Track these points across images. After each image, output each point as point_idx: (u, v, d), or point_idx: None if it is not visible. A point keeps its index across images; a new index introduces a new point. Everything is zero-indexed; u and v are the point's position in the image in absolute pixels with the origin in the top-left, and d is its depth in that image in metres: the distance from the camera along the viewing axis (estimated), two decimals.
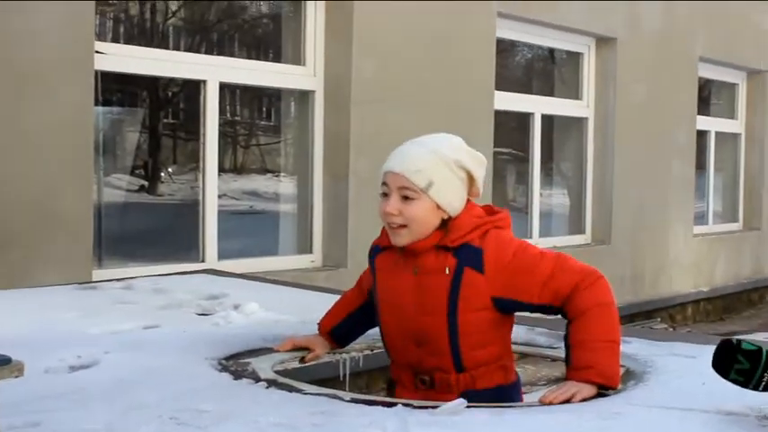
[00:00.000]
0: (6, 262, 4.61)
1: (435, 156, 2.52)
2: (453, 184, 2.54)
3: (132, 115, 6.71)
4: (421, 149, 2.55)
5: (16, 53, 4.65)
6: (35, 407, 2.15)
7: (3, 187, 4.62)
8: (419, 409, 2.23)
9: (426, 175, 2.50)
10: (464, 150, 2.60)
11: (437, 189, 2.51)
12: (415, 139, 2.62)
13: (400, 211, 2.51)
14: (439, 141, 2.59)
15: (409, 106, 6.61)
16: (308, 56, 6.31)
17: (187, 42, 6.53)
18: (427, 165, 2.51)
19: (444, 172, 2.52)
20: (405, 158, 2.54)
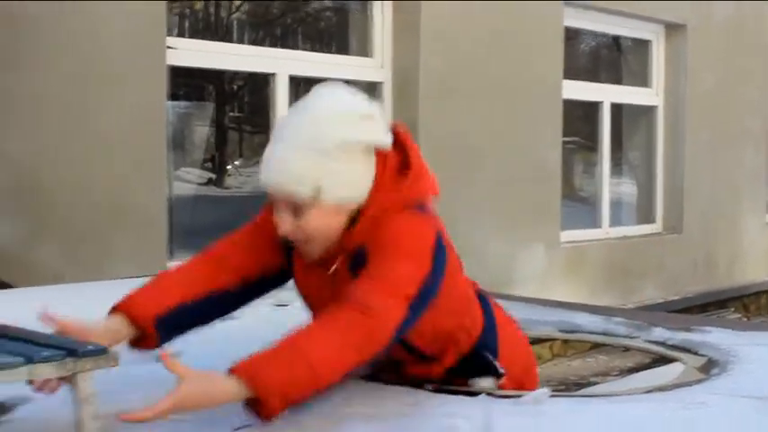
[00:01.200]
0: (82, 256, 4.70)
1: (312, 152, 1.97)
2: (350, 174, 2.02)
3: (199, 109, 6.80)
4: (290, 150, 1.99)
5: (91, 50, 4.73)
6: (118, 397, 2.19)
7: (79, 182, 4.71)
8: (501, 398, 2.23)
9: (309, 181, 1.98)
10: (353, 121, 2.00)
11: (329, 190, 1.99)
12: (282, 127, 2.05)
13: (297, 226, 2.02)
14: (315, 124, 1.99)
15: (477, 96, 6.59)
16: (376, 48, 6.32)
17: (251, 36, 6.58)
18: (306, 169, 1.98)
19: (332, 167, 1.99)
20: (275, 168, 2.00)
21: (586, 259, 7.75)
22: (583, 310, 3.64)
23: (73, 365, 1.74)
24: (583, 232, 7.99)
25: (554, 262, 7.27)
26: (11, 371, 1.66)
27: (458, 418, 1.98)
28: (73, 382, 1.75)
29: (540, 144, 7.15)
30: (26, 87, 4.52)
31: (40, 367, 1.69)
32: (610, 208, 8.44)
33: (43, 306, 1.98)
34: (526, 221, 6.99)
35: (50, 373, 1.71)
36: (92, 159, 4.76)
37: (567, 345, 7.40)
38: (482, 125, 6.66)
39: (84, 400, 1.75)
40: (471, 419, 2.00)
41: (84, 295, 3.70)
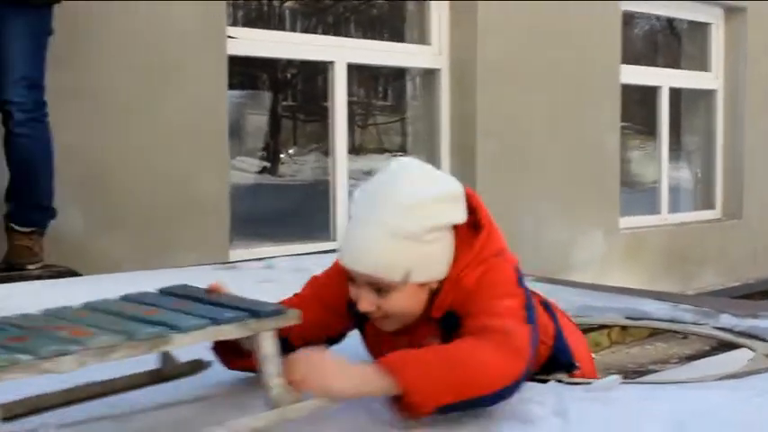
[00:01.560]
0: (147, 244, 4.76)
1: (402, 239, 1.97)
2: (436, 255, 2.03)
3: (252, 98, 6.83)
4: (378, 235, 1.97)
5: (154, 42, 4.78)
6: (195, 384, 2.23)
7: (143, 172, 4.77)
8: (572, 384, 2.23)
9: (399, 267, 1.99)
10: (439, 202, 2.00)
11: (418, 274, 2.01)
12: (365, 207, 2.02)
13: (378, 306, 2.04)
14: (403, 210, 1.97)
15: (535, 82, 6.56)
16: (434, 35, 6.31)
17: (303, 25, 6.60)
18: (397, 256, 1.98)
19: (421, 252, 1.99)
20: (364, 254, 1.99)
21: (645, 246, 7.69)
22: (648, 297, 3.63)
23: (255, 325, 1.81)
24: (641, 218, 7.92)
25: (613, 248, 7.22)
26: (198, 332, 1.73)
27: (531, 404, 2.00)
28: (255, 342, 1.82)
29: (598, 130, 7.10)
30: (92, 81, 4.58)
31: (226, 328, 1.77)
32: (669, 194, 8.36)
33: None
34: (585, 208, 6.95)
35: (235, 334, 1.79)
36: (156, 149, 4.82)
37: (625, 332, 7.33)
38: (540, 111, 6.63)
39: (267, 357, 1.82)
40: (545, 405, 2.01)
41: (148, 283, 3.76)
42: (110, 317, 1.80)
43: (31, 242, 4.06)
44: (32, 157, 4.02)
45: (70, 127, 4.40)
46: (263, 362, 1.82)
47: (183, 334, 1.72)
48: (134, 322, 1.74)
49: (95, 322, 1.75)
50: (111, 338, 1.64)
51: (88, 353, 1.60)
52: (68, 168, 4.39)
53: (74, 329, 1.69)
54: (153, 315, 1.80)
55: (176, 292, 2.02)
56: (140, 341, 1.66)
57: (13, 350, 1.57)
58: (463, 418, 1.94)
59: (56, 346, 1.58)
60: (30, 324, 1.76)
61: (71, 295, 3.43)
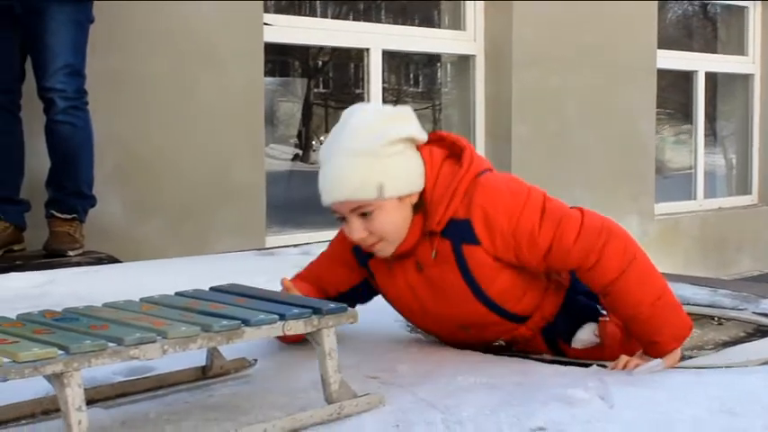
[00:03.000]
0: (185, 230, 4.79)
1: (365, 157, 2.17)
2: (402, 167, 2.22)
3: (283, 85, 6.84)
4: (345, 159, 2.17)
5: (192, 29, 4.80)
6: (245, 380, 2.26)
7: (181, 158, 4.80)
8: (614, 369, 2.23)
9: (370, 183, 2.17)
10: (387, 120, 2.23)
11: (390, 186, 2.19)
12: (330, 144, 2.23)
13: (368, 231, 2.23)
14: (357, 133, 2.19)
15: (570, 68, 6.53)
16: (468, 21, 6.30)
17: (334, 11, 6.60)
18: (364, 173, 2.17)
19: (385, 164, 2.18)
20: (337, 181, 2.18)
21: (680, 231, 7.65)
22: (686, 282, 3.61)
23: (318, 322, 1.90)
24: (677, 204, 7.88)
25: (648, 234, 7.19)
26: (269, 326, 1.85)
27: (575, 388, 2.00)
28: (317, 338, 1.92)
29: (634, 115, 7.06)
30: (131, 69, 4.61)
31: (292, 323, 1.87)
32: (705, 179, 8.30)
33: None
34: (620, 193, 6.92)
35: (300, 329, 1.89)
36: (194, 137, 4.84)
37: None
38: (575, 96, 6.60)
39: (327, 354, 1.91)
40: (588, 389, 2.01)
41: (188, 269, 3.80)
42: (178, 311, 1.92)
43: (72, 229, 4.10)
44: (73, 145, 4.06)
45: (109, 115, 4.44)
46: (323, 357, 1.91)
47: (255, 328, 1.83)
48: (206, 316, 1.85)
49: (167, 315, 1.86)
50: (190, 329, 1.74)
51: (170, 342, 1.70)
52: (107, 156, 4.43)
53: (153, 321, 1.81)
54: (221, 309, 1.91)
55: (227, 290, 2.15)
56: (216, 333, 1.77)
57: (99, 337, 1.65)
58: (511, 401, 1.95)
59: (140, 334, 1.68)
60: (103, 315, 1.86)
61: (110, 281, 3.49)
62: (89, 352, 1.59)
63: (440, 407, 1.93)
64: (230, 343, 1.80)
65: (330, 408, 1.88)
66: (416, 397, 1.99)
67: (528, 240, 2.21)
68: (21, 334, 1.69)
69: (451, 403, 1.94)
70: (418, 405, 1.95)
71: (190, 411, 1.93)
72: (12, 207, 4.06)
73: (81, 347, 1.59)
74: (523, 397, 1.99)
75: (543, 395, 1.98)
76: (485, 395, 2.01)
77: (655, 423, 1.82)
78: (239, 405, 1.97)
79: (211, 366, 2.19)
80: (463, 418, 1.87)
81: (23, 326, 1.77)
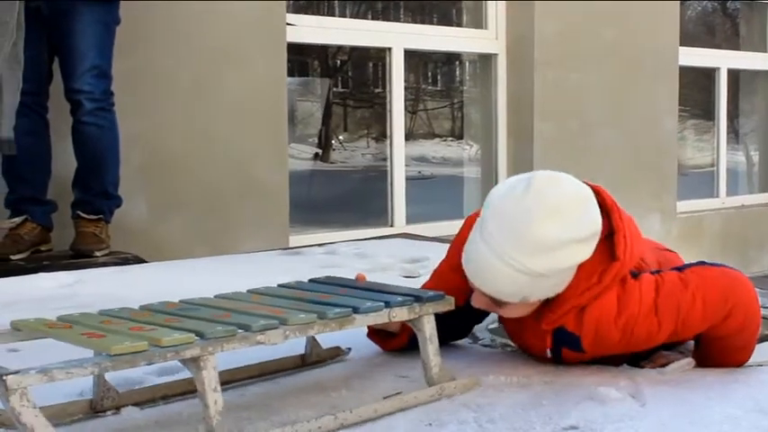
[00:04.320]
0: (210, 230, 4.81)
1: (526, 275, 1.97)
2: (556, 285, 2.05)
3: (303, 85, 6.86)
4: (505, 270, 1.97)
5: (215, 28, 4.82)
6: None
7: (205, 158, 4.82)
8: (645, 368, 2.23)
9: (518, 294, 2.03)
10: (563, 245, 1.96)
11: (535, 296, 2.06)
12: (495, 228, 1.98)
13: (492, 311, 2.15)
14: (527, 247, 1.94)
15: (592, 65, 6.52)
16: (490, 19, 6.30)
17: (353, 10, 6.61)
18: (517, 286, 2.00)
19: (542, 284, 2.02)
20: (487, 279, 2.02)
21: (703, 229, 7.62)
22: None
23: (419, 309, 2.02)
24: (699, 202, 7.85)
25: (670, 232, 7.17)
26: (376, 314, 1.96)
27: (606, 387, 2.00)
28: (418, 324, 2.03)
29: (655, 112, 7.04)
30: (156, 70, 4.63)
31: (397, 310, 1.99)
32: (728, 177, 8.27)
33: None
34: (642, 191, 6.89)
35: (404, 316, 2.00)
36: (217, 136, 4.86)
37: None
38: (597, 94, 6.59)
39: (428, 338, 2.02)
40: (620, 388, 2.01)
41: (211, 269, 3.81)
42: (290, 300, 2.03)
43: (98, 229, 4.13)
44: (100, 146, 4.09)
45: (134, 115, 4.46)
46: (424, 342, 2.02)
47: (364, 315, 1.95)
48: (319, 305, 1.96)
49: (281, 305, 1.98)
50: (308, 316, 1.86)
51: (291, 328, 1.82)
52: (132, 156, 4.45)
53: (271, 309, 1.92)
54: (329, 299, 2.02)
55: (327, 282, 2.27)
56: (331, 320, 1.88)
57: (227, 324, 1.76)
58: (542, 400, 1.96)
59: (265, 321, 1.79)
60: (219, 305, 1.98)
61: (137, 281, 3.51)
62: (222, 337, 1.70)
63: (472, 406, 1.93)
64: (342, 329, 1.91)
65: (432, 389, 1.99)
66: (449, 396, 2.00)
67: (646, 341, 2.13)
68: (154, 322, 1.80)
69: (483, 402, 1.95)
70: (450, 404, 1.95)
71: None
72: (39, 208, 4.09)
73: (214, 333, 1.70)
74: (555, 396, 1.99)
75: (575, 394, 1.99)
76: (516, 394, 2.02)
77: (687, 422, 1.82)
78: (270, 404, 1.96)
79: (311, 354, 2.29)
80: (495, 416, 1.88)
81: (151, 315, 1.88)
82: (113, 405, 1.93)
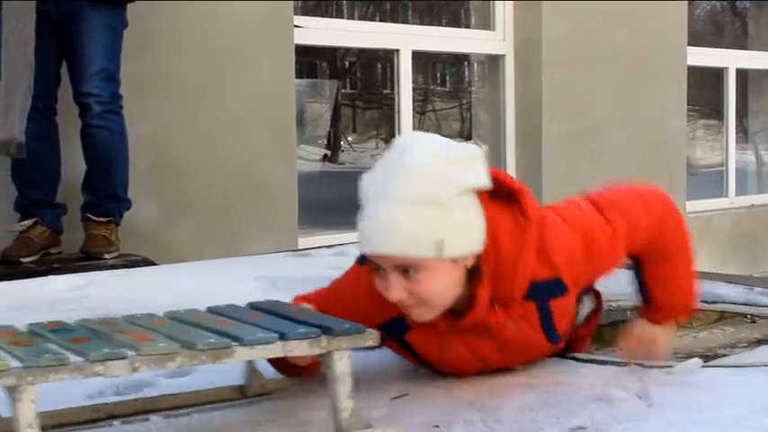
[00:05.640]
0: (218, 232, 4.82)
1: (428, 207, 1.80)
2: (467, 223, 1.87)
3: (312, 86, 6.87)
4: (401, 206, 1.80)
5: (223, 31, 4.83)
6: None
7: (213, 160, 4.83)
8: (652, 368, 2.23)
9: (429, 240, 1.81)
10: (457, 163, 1.86)
11: (452, 245, 1.84)
12: (382, 182, 1.86)
13: (408, 292, 1.88)
14: (418, 175, 1.82)
15: (600, 65, 6.51)
16: (498, 20, 6.30)
17: (361, 12, 6.62)
18: (424, 226, 1.81)
19: (450, 218, 1.83)
20: (388, 231, 1.81)
21: (712, 229, 7.61)
22: (721, 280, 3.60)
23: (327, 343, 1.71)
24: (709, 202, 7.84)
25: None
26: (265, 347, 1.67)
27: (613, 388, 2.00)
28: (327, 361, 1.72)
29: (664, 112, 7.03)
30: (163, 72, 4.64)
31: (294, 344, 1.68)
32: (737, 176, 8.26)
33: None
34: None
35: (304, 351, 1.70)
36: (226, 138, 4.87)
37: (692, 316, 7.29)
38: (605, 94, 6.58)
39: (338, 378, 1.72)
40: (626, 388, 2.01)
41: (220, 272, 3.82)
42: (184, 326, 1.78)
43: (108, 232, 4.14)
44: (109, 149, 4.10)
45: (142, 118, 4.47)
46: (334, 383, 1.72)
47: (247, 347, 1.65)
48: (202, 331, 1.71)
49: (166, 330, 1.73)
50: (169, 346, 1.59)
51: (142, 359, 1.55)
52: (141, 159, 4.46)
53: (138, 335, 1.67)
54: (225, 326, 1.76)
55: (261, 307, 1.97)
56: (200, 351, 1.60)
57: (70, 350, 1.55)
58: (549, 400, 1.96)
59: (108, 350, 1.54)
60: (101, 328, 1.74)
61: (146, 284, 3.52)
62: (46, 366, 1.48)
63: (479, 406, 1.94)
64: (217, 362, 1.62)
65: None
66: (455, 396, 2.01)
67: (602, 259, 2.10)
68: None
69: (491, 403, 1.96)
70: (458, 405, 1.96)
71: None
72: (49, 211, 4.10)
73: (38, 361, 1.48)
74: (562, 396, 2.00)
75: (582, 394, 1.99)
76: (524, 395, 2.02)
77: (694, 422, 1.82)
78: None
79: (250, 386, 2.04)
80: (503, 417, 1.88)
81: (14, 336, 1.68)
82: None
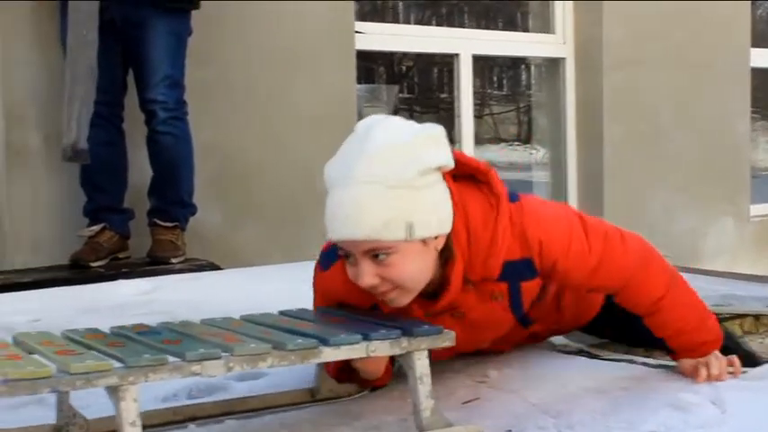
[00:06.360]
0: (282, 236, 4.86)
1: (395, 188, 1.78)
2: (434, 203, 1.84)
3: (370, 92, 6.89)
4: (368, 189, 1.77)
5: (285, 35, 4.87)
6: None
7: (277, 165, 4.87)
8: None
9: (398, 222, 1.78)
10: (420, 142, 1.83)
11: (421, 226, 1.81)
12: (346, 165, 1.82)
13: (380, 277, 1.84)
14: (382, 156, 1.79)
15: (661, 67, 6.45)
16: (557, 23, 6.28)
17: (417, 16, 6.62)
18: (392, 208, 1.78)
19: (418, 199, 1.80)
20: (356, 215, 1.77)
21: None
22: None
23: (408, 344, 1.75)
24: None
25: (743, 236, 7.06)
26: (351, 347, 1.71)
27: (686, 392, 1.99)
28: (408, 361, 1.77)
29: (728, 114, 6.94)
30: (227, 79, 4.69)
31: (377, 344, 1.73)
32: None
33: None
34: (714, 195, 6.81)
35: (386, 351, 1.74)
36: (289, 144, 4.91)
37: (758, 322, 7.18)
38: (667, 96, 6.52)
39: (419, 378, 1.76)
40: (699, 393, 2.00)
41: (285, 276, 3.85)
42: (263, 327, 1.83)
43: (174, 237, 4.20)
44: (174, 155, 4.16)
45: (206, 124, 4.52)
46: (414, 383, 1.76)
47: (334, 348, 1.69)
48: (286, 333, 1.75)
49: (248, 331, 1.78)
50: (260, 346, 1.64)
51: (236, 359, 1.61)
52: (206, 164, 4.51)
53: (227, 336, 1.73)
54: (306, 328, 1.80)
55: (333, 311, 2.01)
56: (289, 351, 1.65)
57: (164, 352, 1.61)
58: (621, 406, 1.96)
59: (204, 350, 1.60)
60: (186, 330, 1.82)
61: (213, 288, 3.57)
62: (146, 366, 1.54)
63: (551, 412, 1.94)
64: (305, 363, 1.68)
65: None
66: (527, 401, 2.01)
67: (579, 261, 2.01)
68: (92, 345, 1.68)
69: (563, 408, 1.96)
70: (529, 409, 1.96)
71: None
72: (116, 216, 4.17)
73: (138, 360, 1.55)
74: (633, 401, 1.99)
75: (653, 400, 1.98)
76: (595, 400, 2.02)
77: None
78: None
79: (320, 389, 2.07)
80: (574, 422, 1.88)
81: (94, 339, 1.75)
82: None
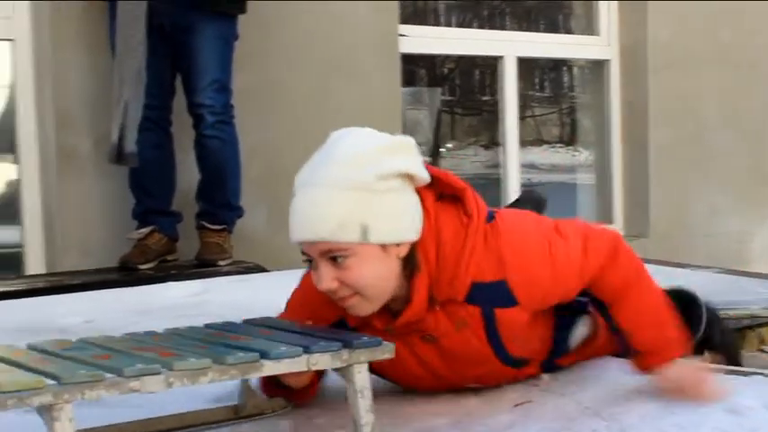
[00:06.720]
0: None
1: (350, 191, 1.79)
2: (394, 208, 1.83)
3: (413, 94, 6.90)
4: (325, 191, 1.79)
5: (330, 39, 4.90)
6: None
7: None
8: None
9: (352, 223, 1.79)
10: (383, 150, 1.85)
11: (376, 229, 1.80)
12: (310, 170, 1.86)
13: (339, 281, 1.82)
14: (343, 162, 1.81)
15: (707, 68, 6.40)
16: (602, 25, 6.25)
17: (458, 19, 6.63)
18: (346, 209, 1.78)
19: (374, 202, 1.80)
20: (312, 217, 1.80)
21: None
22: None
23: (348, 357, 1.73)
24: None
25: None
26: (292, 360, 1.68)
27: (739, 396, 1.99)
28: (348, 374, 1.75)
29: None
30: (273, 83, 4.72)
31: (317, 357, 1.70)
32: None
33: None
34: (763, 197, 6.74)
35: (327, 364, 1.72)
36: None
37: None
38: (713, 98, 6.46)
39: (359, 392, 1.74)
40: (753, 398, 1.99)
41: None
42: (194, 341, 1.79)
43: (221, 239, 4.24)
44: (222, 158, 4.20)
45: (253, 127, 4.56)
46: (355, 397, 1.74)
47: (275, 361, 1.66)
48: (223, 347, 1.71)
49: (179, 345, 1.74)
50: (201, 361, 1.59)
51: (176, 374, 1.55)
52: (252, 168, 4.55)
53: (160, 351, 1.67)
54: (240, 341, 1.76)
55: (260, 323, 1.98)
56: (230, 366, 1.61)
57: (99, 368, 1.54)
58: (673, 409, 1.95)
59: (142, 365, 1.54)
60: (112, 345, 1.76)
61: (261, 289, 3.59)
62: (82, 383, 1.47)
63: (604, 415, 1.94)
64: (245, 377, 1.65)
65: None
66: (579, 404, 2.01)
67: (563, 280, 1.97)
68: (21, 364, 1.60)
69: (615, 411, 1.95)
70: (581, 412, 1.96)
71: None
72: (165, 219, 4.21)
73: (74, 377, 1.47)
74: (687, 405, 1.98)
75: (708, 404, 1.97)
76: (647, 403, 2.01)
77: None
78: None
79: (245, 405, 2.02)
80: (626, 426, 1.88)
81: (25, 354, 1.69)
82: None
